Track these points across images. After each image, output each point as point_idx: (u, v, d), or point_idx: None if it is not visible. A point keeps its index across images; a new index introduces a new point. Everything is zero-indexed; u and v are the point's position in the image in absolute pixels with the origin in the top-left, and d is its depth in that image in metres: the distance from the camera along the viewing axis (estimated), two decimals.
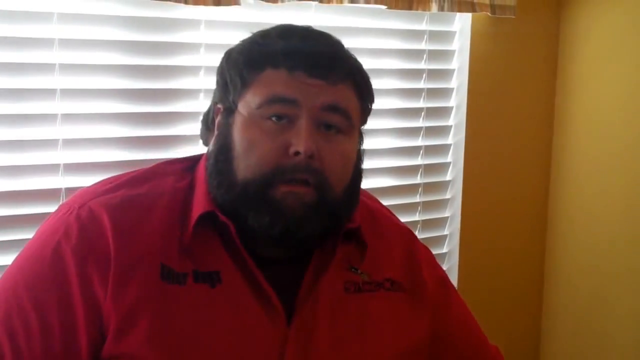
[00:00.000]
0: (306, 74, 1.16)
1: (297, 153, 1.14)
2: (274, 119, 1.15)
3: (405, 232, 1.43)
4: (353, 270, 1.28)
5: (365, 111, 1.27)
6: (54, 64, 1.63)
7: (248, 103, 1.17)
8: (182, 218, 1.19)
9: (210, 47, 1.81)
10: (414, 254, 1.39)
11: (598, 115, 2.30)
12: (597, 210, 2.32)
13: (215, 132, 1.24)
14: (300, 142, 1.14)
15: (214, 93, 1.28)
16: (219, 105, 1.24)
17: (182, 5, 1.70)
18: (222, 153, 1.19)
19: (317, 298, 1.22)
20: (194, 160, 1.31)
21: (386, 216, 1.44)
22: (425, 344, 1.34)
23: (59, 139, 1.66)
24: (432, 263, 1.44)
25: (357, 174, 1.27)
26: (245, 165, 1.16)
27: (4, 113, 1.61)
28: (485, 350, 1.46)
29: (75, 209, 1.17)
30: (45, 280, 1.13)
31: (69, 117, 1.67)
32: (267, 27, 1.24)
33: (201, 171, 1.25)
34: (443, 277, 1.44)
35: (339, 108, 1.18)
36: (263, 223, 1.15)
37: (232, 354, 1.14)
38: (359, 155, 1.29)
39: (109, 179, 1.26)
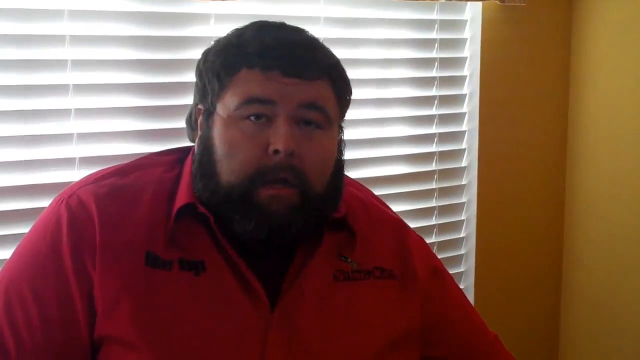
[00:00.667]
0: (281, 73, 1.18)
1: (276, 152, 1.16)
2: (252, 118, 1.18)
3: (397, 222, 1.45)
4: (343, 259, 1.30)
5: (343, 105, 1.29)
6: (66, 60, 1.68)
7: (226, 105, 1.20)
8: (169, 208, 1.23)
9: None
10: (406, 242, 1.41)
11: (613, 99, 2.30)
12: (614, 192, 2.33)
13: (198, 134, 1.27)
14: (279, 141, 1.16)
15: (194, 94, 1.30)
16: (200, 106, 1.27)
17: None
18: (205, 156, 1.22)
19: (304, 286, 1.24)
20: (185, 152, 1.34)
21: (378, 207, 1.46)
22: (415, 331, 1.35)
23: (73, 134, 1.71)
24: (425, 251, 1.46)
25: (339, 167, 1.29)
26: (227, 168, 1.18)
27: (19, 109, 1.66)
28: (483, 337, 1.47)
29: (65, 198, 1.22)
30: (42, 270, 1.18)
31: (82, 112, 1.72)
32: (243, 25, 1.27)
33: (189, 163, 1.28)
34: (436, 266, 1.46)
35: (316, 105, 1.20)
36: (248, 228, 1.18)
37: (214, 339, 1.17)
38: (340, 148, 1.30)
39: (101, 169, 1.30)
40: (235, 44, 1.23)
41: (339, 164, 1.29)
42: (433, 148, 2.28)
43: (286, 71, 1.18)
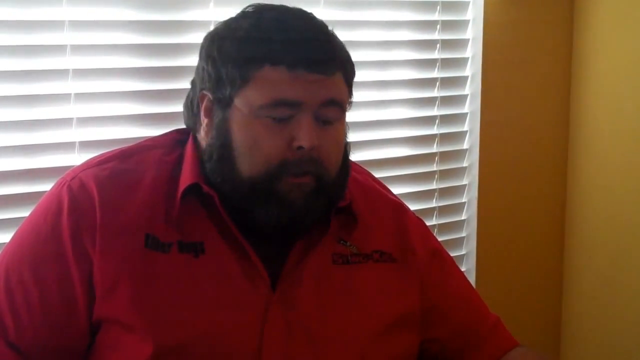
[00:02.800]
0: (306, 70, 1.18)
1: (300, 147, 1.17)
2: (277, 117, 1.18)
3: (396, 204, 1.46)
4: (342, 242, 1.32)
5: (351, 92, 1.30)
6: (66, 45, 1.68)
7: (248, 100, 1.19)
8: (169, 190, 1.24)
9: None
10: (405, 225, 1.42)
11: (616, 79, 2.29)
12: (617, 172, 2.32)
13: (211, 124, 1.24)
14: (305, 138, 1.17)
15: (197, 77, 1.29)
16: (206, 93, 1.25)
17: None
18: (224, 150, 1.21)
19: (304, 268, 1.26)
20: (183, 133, 1.35)
21: (377, 190, 1.47)
22: (415, 313, 1.36)
23: (73, 118, 1.71)
24: (425, 234, 1.47)
25: (345, 150, 1.30)
26: (250, 162, 1.19)
27: (19, 94, 1.66)
28: (485, 319, 1.47)
29: (67, 181, 1.24)
30: (42, 252, 1.20)
31: (82, 96, 1.71)
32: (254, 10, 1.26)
33: (190, 145, 1.29)
34: (436, 248, 1.46)
35: (335, 101, 1.22)
36: (271, 217, 1.19)
37: (213, 321, 1.19)
38: (345, 132, 1.31)
39: (103, 153, 1.31)
40: (256, 37, 1.21)
41: (345, 147, 1.31)
42: (434, 130, 2.27)
43: (310, 68, 1.18)
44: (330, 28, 1.27)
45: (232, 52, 1.21)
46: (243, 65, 1.20)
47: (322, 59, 1.20)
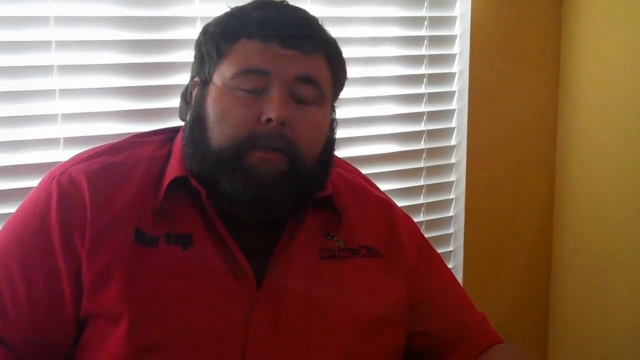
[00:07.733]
0: (279, 44, 1.19)
1: (269, 120, 1.17)
2: (247, 88, 1.19)
3: (384, 201, 1.47)
4: (329, 237, 1.32)
5: (337, 84, 1.31)
6: (50, 41, 1.67)
7: (222, 74, 1.21)
8: (158, 184, 1.24)
9: (205, 20, 1.76)
10: (392, 221, 1.42)
11: (604, 76, 2.29)
12: (604, 170, 2.32)
13: (192, 106, 1.27)
14: (272, 110, 1.17)
15: (192, 67, 1.32)
16: (196, 79, 1.28)
17: None
18: (197, 123, 1.23)
19: (290, 263, 1.26)
20: (175, 131, 1.35)
21: (365, 188, 1.47)
22: (402, 309, 1.36)
23: (58, 114, 1.70)
24: (412, 230, 1.47)
25: (329, 144, 1.30)
26: (219, 133, 1.20)
27: (4, 90, 1.64)
28: (471, 317, 1.47)
29: (57, 175, 1.24)
30: (30, 247, 1.19)
31: (67, 92, 1.70)
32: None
33: (178, 141, 1.29)
34: (424, 245, 1.47)
35: (311, 79, 1.22)
36: (236, 188, 1.19)
37: (200, 314, 1.19)
38: (332, 127, 1.31)
39: (93, 148, 1.31)
40: (236, 15, 1.25)
41: (330, 143, 1.31)
42: (422, 127, 2.27)
43: (284, 42, 1.20)
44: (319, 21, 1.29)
45: (214, 31, 1.25)
46: (221, 41, 1.23)
47: (297, 35, 1.22)
